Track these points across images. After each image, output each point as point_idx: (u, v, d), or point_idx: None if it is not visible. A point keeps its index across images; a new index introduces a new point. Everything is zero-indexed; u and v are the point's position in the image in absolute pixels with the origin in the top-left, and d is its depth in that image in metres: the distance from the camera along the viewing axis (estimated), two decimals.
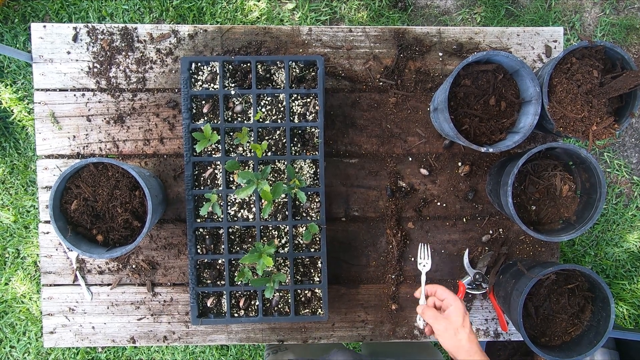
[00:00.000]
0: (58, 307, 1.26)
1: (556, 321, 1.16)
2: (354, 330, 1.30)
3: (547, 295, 1.16)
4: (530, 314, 1.16)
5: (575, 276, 1.16)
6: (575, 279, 1.16)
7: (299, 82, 1.14)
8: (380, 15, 2.26)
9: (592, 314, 1.16)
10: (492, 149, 1.07)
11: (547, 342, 1.16)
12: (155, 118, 1.25)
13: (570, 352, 1.11)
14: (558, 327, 1.16)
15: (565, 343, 1.16)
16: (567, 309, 1.16)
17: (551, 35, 1.28)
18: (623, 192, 2.31)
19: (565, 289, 1.16)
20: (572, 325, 1.17)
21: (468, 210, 1.29)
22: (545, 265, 1.13)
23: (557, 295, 1.16)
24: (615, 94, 1.06)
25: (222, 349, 2.23)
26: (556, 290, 1.17)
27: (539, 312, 1.16)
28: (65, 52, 1.23)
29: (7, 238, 2.20)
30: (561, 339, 1.16)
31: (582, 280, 1.16)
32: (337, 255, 1.28)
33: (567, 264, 1.10)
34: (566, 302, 1.16)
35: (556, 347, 1.16)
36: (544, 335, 1.16)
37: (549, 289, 1.17)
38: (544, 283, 1.16)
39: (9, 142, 2.20)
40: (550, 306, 1.16)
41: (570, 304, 1.16)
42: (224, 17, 2.21)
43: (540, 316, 1.16)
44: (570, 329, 1.16)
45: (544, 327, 1.16)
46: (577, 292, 1.17)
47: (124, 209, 1.09)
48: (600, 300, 1.13)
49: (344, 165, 1.28)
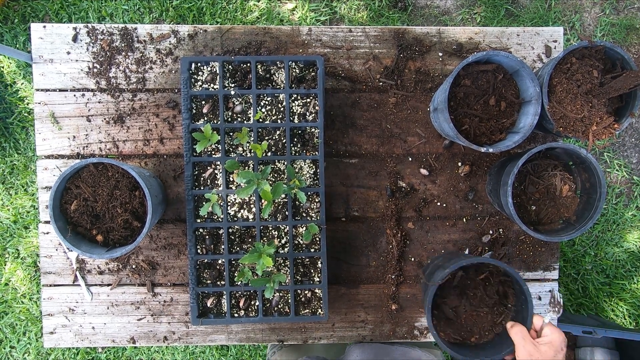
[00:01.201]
0: (58, 308, 1.26)
1: (480, 316, 1.12)
2: (354, 330, 1.30)
3: (462, 293, 1.13)
4: (451, 317, 1.12)
5: (485, 265, 1.12)
6: (485, 268, 1.12)
7: (299, 82, 1.14)
8: (380, 15, 2.26)
9: (516, 297, 1.11)
10: (492, 149, 1.07)
11: (479, 339, 1.11)
12: (155, 118, 1.25)
13: (506, 343, 1.05)
14: (484, 321, 1.11)
15: (499, 335, 1.11)
16: (486, 301, 1.12)
17: (551, 35, 1.29)
18: (623, 192, 2.31)
19: (479, 282, 1.12)
20: (499, 315, 1.12)
21: (468, 210, 1.29)
22: (446, 266, 1.08)
23: (472, 290, 1.13)
24: (615, 94, 1.06)
25: (222, 349, 2.23)
26: (469, 285, 1.13)
27: (459, 313, 1.13)
28: (65, 53, 1.24)
29: (7, 238, 2.20)
30: (492, 332, 1.12)
31: (493, 267, 1.12)
32: (337, 255, 1.28)
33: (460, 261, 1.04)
34: (483, 294, 1.12)
35: (489, 342, 1.11)
36: (472, 334, 1.12)
37: (461, 287, 1.13)
38: (451, 283, 1.12)
39: (9, 142, 2.20)
40: (468, 303, 1.12)
41: (488, 294, 1.12)
42: (224, 17, 2.21)
43: (461, 317, 1.13)
44: (499, 319, 1.11)
45: (471, 325, 1.12)
46: (492, 280, 1.13)
47: (124, 209, 1.09)
48: (515, 283, 1.09)
49: (344, 165, 1.28)
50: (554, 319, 1.20)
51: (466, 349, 1.09)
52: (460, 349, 1.08)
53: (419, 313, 1.30)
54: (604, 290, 2.27)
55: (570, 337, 1.95)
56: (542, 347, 0.92)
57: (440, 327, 1.12)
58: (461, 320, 1.13)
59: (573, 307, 2.28)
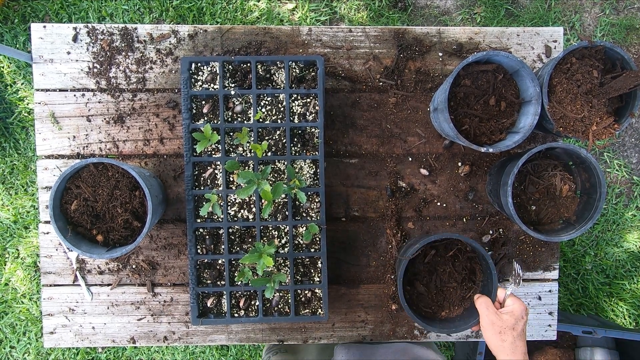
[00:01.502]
0: (58, 308, 1.26)
1: (450, 291, 1.16)
2: (354, 330, 1.30)
3: (433, 270, 1.17)
4: (422, 292, 1.16)
5: (454, 242, 1.16)
6: (454, 245, 1.16)
7: (299, 82, 1.14)
8: (380, 15, 2.26)
9: (482, 272, 1.16)
10: (492, 149, 1.07)
11: (449, 313, 1.16)
12: (155, 118, 1.25)
13: (473, 316, 1.09)
14: (454, 296, 1.16)
15: (467, 309, 1.15)
16: (455, 276, 1.16)
17: (551, 35, 1.29)
18: (623, 192, 2.31)
19: (448, 258, 1.16)
20: (467, 290, 1.16)
21: (468, 210, 1.29)
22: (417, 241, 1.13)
23: (442, 266, 1.17)
24: (615, 94, 1.06)
25: (222, 349, 2.23)
26: (439, 262, 1.17)
27: (430, 288, 1.16)
28: (65, 53, 1.24)
29: (7, 238, 2.20)
30: (462, 306, 1.16)
31: (461, 244, 1.16)
32: (337, 255, 1.28)
33: (429, 237, 1.09)
34: (452, 270, 1.16)
35: (459, 316, 1.15)
36: (442, 308, 1.16)
37: (432, 264, 1.17)
38: (424, 260, 1.16)
39: (9, 142, 2.20)
40: (439, 279, 1.16)
41: (457, 270, 1.16)
42: (224, 17, 2.21)
43: (432, 292, 1.16)
44: (467, 294, 1.16)
45: (440, 300, 1.16)
46: (461, 257, 1.17)
47: (124, 209, 1.09)
48: (481, 258, 1.13)
49: (344, 165, 1.28)
50: (516, 290, 1.28)
51: (437, 322, 1.14)
52: (432, 322, 1.13)
53: None
54: (604, 290, 2.27)
55: (570, 337, 1.95)
56: (504, 315, 0.99)
57: (412, 301, 1.16)
58: (432, 295, 1.17)
59: (573, 307, 2.29)
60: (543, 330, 1.32)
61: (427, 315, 1.16)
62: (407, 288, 1.16)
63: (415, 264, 1.17)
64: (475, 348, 1.76)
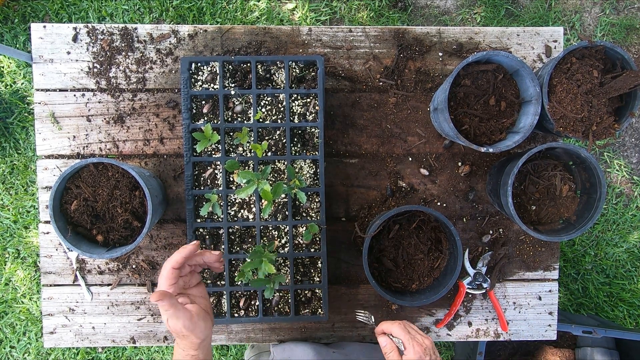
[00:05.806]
0: (58, 307, 1.26)
1: (418, 263, 1.17)
2: (354, 330, 1.30)
3: (398, 244, 1.17)
4: (390, 267, 1.17)
5: (416, 214, 1.17)
6: (416, 217, 1.17)
7: (299, 82, 1.14)
8: (380, 15, 2.26)
9: (448, 240, 1.17)
10: (492, 149, 1.07)
11: (420, 285, 1.17)
12: (155, 118, 1.25)
13: (443, 284, 1.11)
14: (422, 267, 1.17)
15: (437, 279, 1.17)
16: (421, 248, 1.17)
17: (551, 35, 1.29)
18: (623, 192, 2.31)
19: (412, 231, 1.17)
20: (435, 260, 1.17)
21: (468, 210, 1.29)
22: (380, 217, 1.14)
23: (407, 239, 1.17)
24: (615, 94, 1.06)
25: (222, 349, 2.23)
26: (404, 235, 1.18)
27: (397, 262, 1.17)
28: (65, 52, 1.24)
29: (7, 238, 2.20)
30: (432, 277, 1.18)
31: (424, 215, 1.17)
32: (337, 255, 1.28)
33: (389, 211, 1.09)
34: (417, 241, 1.17)
35: (429, 287, 1.17)
36: (412, 281, 1.17)
37: (397, 239, 1.17)
38: (388, 235, 1.17)
39: (9, 142, 2.20)
40: (405, 252, 1.17)
41: (422, 241, 1.17)
42: (224, 17, 2.21)
43: (400, 266, 1.17)
44: (436, 264, 1.17)
45: (410, 273, 1.17)
46: (425, 228, 1.18)
47: (124, 209, 1.09)
48: (445, 226, 1.13)
49: (344, 165, 1.28)
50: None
51: (408, 295, 1.15)
52: (403, 296, 1.14)
53: (419, 313, 1.30)
54: (604, 290, 2.27)
55: (570, 337, 1.95)
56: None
57: (382, 277, 1.17)
58: (401, 270, 1.18)
59: (573, 307, 2.29)
60: (543, 330, 1.32)
61: (398, 290, 1.17)
62: (375, 265, 1.17)
63: (380, 240, 1.17)
64: (475, 348, 1.76)
